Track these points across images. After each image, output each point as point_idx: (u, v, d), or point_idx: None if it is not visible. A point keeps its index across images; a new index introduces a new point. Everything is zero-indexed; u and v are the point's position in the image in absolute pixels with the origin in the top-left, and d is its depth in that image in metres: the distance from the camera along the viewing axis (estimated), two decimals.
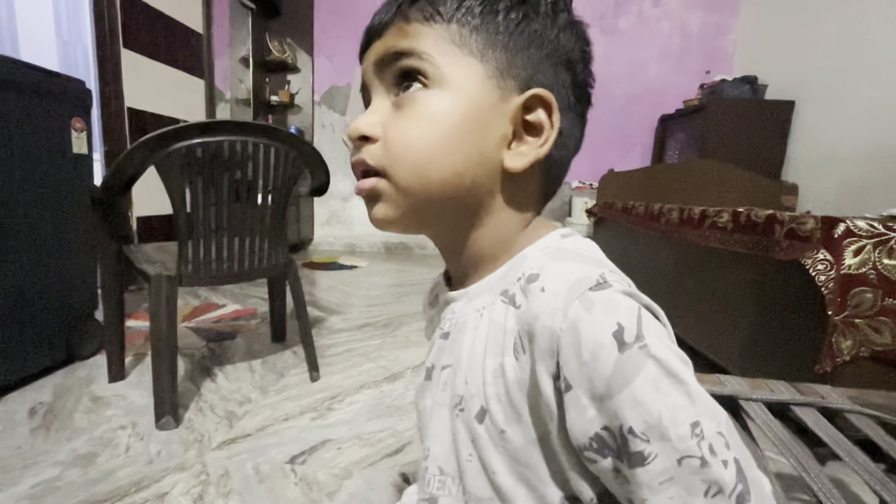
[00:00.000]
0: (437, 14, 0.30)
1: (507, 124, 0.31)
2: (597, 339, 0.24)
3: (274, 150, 1.12)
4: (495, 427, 0.29)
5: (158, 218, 2.33)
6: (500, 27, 0.30)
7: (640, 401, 0.23)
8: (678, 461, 0.23)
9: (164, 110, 2.44)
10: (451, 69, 0.29)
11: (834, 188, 2.36)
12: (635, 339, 0.24)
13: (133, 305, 1.88)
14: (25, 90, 1.13)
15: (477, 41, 0.30)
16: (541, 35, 0.31)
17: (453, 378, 0.33)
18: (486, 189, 0.32)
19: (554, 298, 0.26)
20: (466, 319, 0.33)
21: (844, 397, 0.63)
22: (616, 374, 0.23)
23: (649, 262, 1.83)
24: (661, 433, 0.23)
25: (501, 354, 0.29)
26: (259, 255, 1.19)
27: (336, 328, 1.76)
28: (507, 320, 0.29)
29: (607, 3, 3.33)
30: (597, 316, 0.24)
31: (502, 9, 0.30)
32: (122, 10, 2.13)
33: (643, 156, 3.45)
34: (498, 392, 0.29)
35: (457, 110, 0.30)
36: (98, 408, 1.10)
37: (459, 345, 0.33)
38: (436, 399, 0.35)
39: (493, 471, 0.30)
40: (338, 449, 0.96)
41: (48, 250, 1.22)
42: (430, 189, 0.30)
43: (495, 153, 0.31)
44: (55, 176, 1.23)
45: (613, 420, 0.24)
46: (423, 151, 0.30)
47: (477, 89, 0.30)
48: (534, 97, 0.30)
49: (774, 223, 1.02)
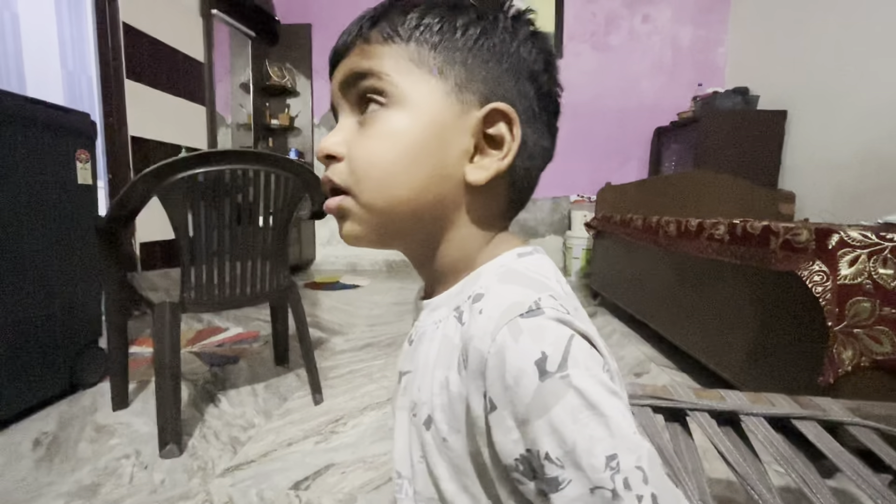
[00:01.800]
0: (395, 34, 0.30)
1: (469, 138, 0.31)
2: (520, 365, 0.24)
3: (274, 176, 1.14)
4: (439, 435, 0.30)
5: (161, 243, 2.35)
6: (458, 44, 0.30)
7: (557, 429, 0.23)
8: (590, 490, 0.23)
9: (167, 137, 2.48)
10: (411, 87, 0.30)
11: (831, 195, 2.38)
12: (557, 369, 0.24)
13: (136, 331, 1.89)
14: (33, 125, 1.16)
15: (436, 58, 0.30)
16: (500, 49, 0.31)
17: (412, 384, 0.34)
18: (449, 203, 0.32)
19: (487, 322, 0.27)
20: (426, 330, 0.34)
21: (845, 409, 0.64)
22: (535, 402, 0.24)
23: (649, 274, 1.83)
24: (575, 462, 0.23)
25: (447, 368, 0.30)
26: (261, 279, 1.20)
27: (338, 349, 1.76)
28: (455, 336, 0.30)
29: (598, 21, 3.41)
30: (522, 343, 0.25)
31: (460, 26, 0.31)
32: (126, 41, 2.19)
33: (640, 168, 3.48)
34: (443, 403, 0.30)
35: (416, 127, 0.30)
36: (102, 437, 1.10)
37: (419, 353, 0.34)
38: (397, 403, 0.36)
39: (438, 476, 0.31)
40: (342, 473, 0.96)
41: (53, 279, 1.24)
42: (393, 205, 0.31)
43: (457, 168, 0.31)
44: (60, 206, 1.25)
45: (533, 445, 0.24)
46: (385, 169, 0.30)
47: (436, 106, 0.30)
48: (493, 111, 0.31)
49: (770, 235, 1.03)
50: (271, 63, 3.56)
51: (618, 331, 2.06)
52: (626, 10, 3.38)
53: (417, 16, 0.31)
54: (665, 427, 0.63)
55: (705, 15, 3.31)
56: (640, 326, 2.04)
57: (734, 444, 0.58)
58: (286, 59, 3.61)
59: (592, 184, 3.41)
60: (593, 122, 3.45)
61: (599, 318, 2.28)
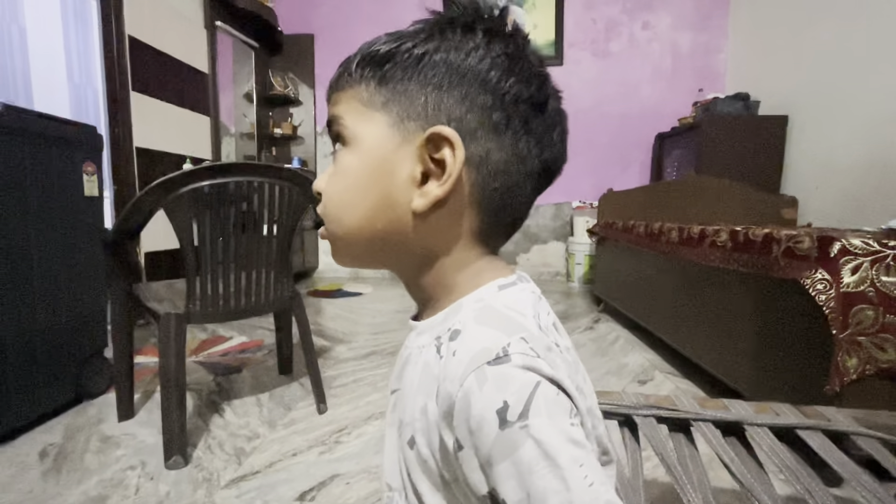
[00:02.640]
0: (350, 79, 0.33)
1: (416, 165, 0.31)
2: (482, 413, 0.25)
3: (278, 187, 1.16)
4: (420, 456, 0.31)
5: (166, 253, 2.37)
6: (399, 74, 0.31)
7: (514, 476, 0.24)
8: None
9: (172, 148, 2.51)
10: (359, 127, 0.32)
11: (833, 200, 2.38)
12: (518, 418, 0.24)
13: (141, 341, 1.89)
14: (41, 139, 1.18)
15: (381, 94, 0.31)
16: (444, 67, 0.30)
17: (400, 402, 0.35)
18: (405, 230, 0.32)
19: (457, 366, 0.27)
20: (412, 353, 0.35)
21: (850, 419, 0.64)
22: (495, 449, 0.24)
23: (653, 280, 1.83)
24: None
25: (427, 395, 0.30)
26: (265, 289, 1.21)
27: (342, 358, 1.76)
28: (435, 367, 0.30)
29: (598, 28, 3.43)
30: (486, 391, 0.25)
31: (403, 52, 0.31)
32: (131, 54, 2.22)
33: (641, 174, 3.48)
34: (423, 427, 0.30)
35: (361, 162, 0.32)
36: (108, 448, 1.11)
37: (405, 374, 0.35)
38: (388, 419, 0.37)
39: (422, 492, 0.31)
40: (346, 484, 0.96)
41: (60, 291, 1.25)
42: (349, 234, 0.34)
43: (405, 195, 0.31)
44: (67, 218, 1.27)
45: (495, 487, 0.25)
46: (338, 203, 0.34)
47: (379, 139, 0.31)
48: (432, 136, 0.30)
49: (772, 242, 1.03)
50: (274, 73, 3.59)
51: (622, 337, 2.05)
52: (626, 17, 3.40)
53: (367, 55, 0.32)
54: (669, 437, 0.63)
55: (705, 21, 3.33)
56: (644, 333, 2.04)
57: (739, 454, 0.58)
58: (289, 69, 3.65)
59: (594, 190, 3.41)
60: (595, 128, 3.46)
61: (603, 324, 2.28)
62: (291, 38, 3.61)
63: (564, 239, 3.55)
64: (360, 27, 3.58)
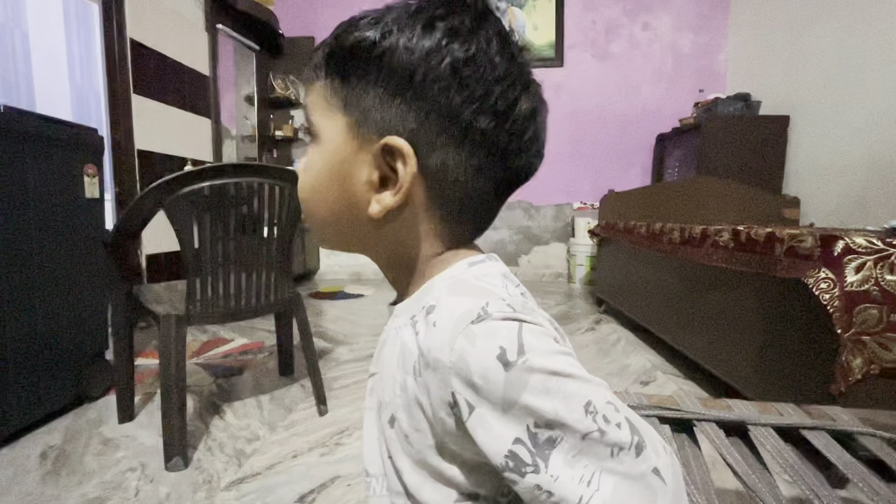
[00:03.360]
0: (315, 75, 0.33)
1: (373, 171, 0.31)
2: (484, 364, 0.26)
3: (278, 188, 1.16)
4: (402, 432, 0.31)
5: (166, 255, 2.37)
6: (359, 72, 0.30)
7: (535, 407, 0.25)
8: (582, 438, 0.25)
9: (173, 150, 2.51)
10: (322, 123, 0.32)
11: (836, 199, 2.37)
12: (517, 356, 0.26)
13: (141, 343, 1.89)
14: (43, 141, 1.18)
15: (343, 94, 0.31)
16: (400, 73, 0.29)
17: (378, 385, 0.35)
18: (366, 228, 0.33)
19: (442, 334, 0.28)
20: (388, 334, 0.35)
21: (855, 419, 0.63)
22: (508, 391, 0.25)
23: (655, 281, 1.83)
24: (562, 423, 0.25)
25: (405, 372, 0.31)
26: (266, 290, 1.21)
27: (343, 359, 1.76)
28: (411, 344, 0.31)
29: (598, 29, 3.43)
30: (479, 346, 0.26)
31: (364, 48, 0.29)
32: (133, 57, 2.23)
33: (643, 175, 3.48)
34: (403, 403, 0.31)
35: (323, 161, 0.33)
36: (108, 450, 1.11)
37: (383, 356, 0.35)
38: (365, 403, 0.38)
39: (401, 469, 0.32)
40: (347, 486, 0.95)
41: (61, 293, 1.25)
42: (317, 224, 0.36)
43: (365, 197, 0.32)
44: (68, 220, 1.27)
45: (517, 424, 0.26)
46: (305, 195, 0.35)
47: (338, 140, 0.32)
48: (384, 147, 0.30)
49: (774, 242, 1.02)
50: (275, 75, 3.60)
51: (623, 338, 2.04)
52: (626, 18, 3.40)
53: (330, 49, 0.31)
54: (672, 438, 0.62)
55: (705, 22, 3.33)
56: (646, 334, 2.03)
57: (742, 454, 0.58)
58: (290, 71, 3.65)
59: (595, 191, 3.41)
60: (595, 129, 3.46)
61: (605, 325, 2.27)
62: (292, 41, 3.62)
63: (566, 240, 3.54)
64: None
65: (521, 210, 3.60)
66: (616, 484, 0.26)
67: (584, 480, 0.25)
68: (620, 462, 0.26)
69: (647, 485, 0.26)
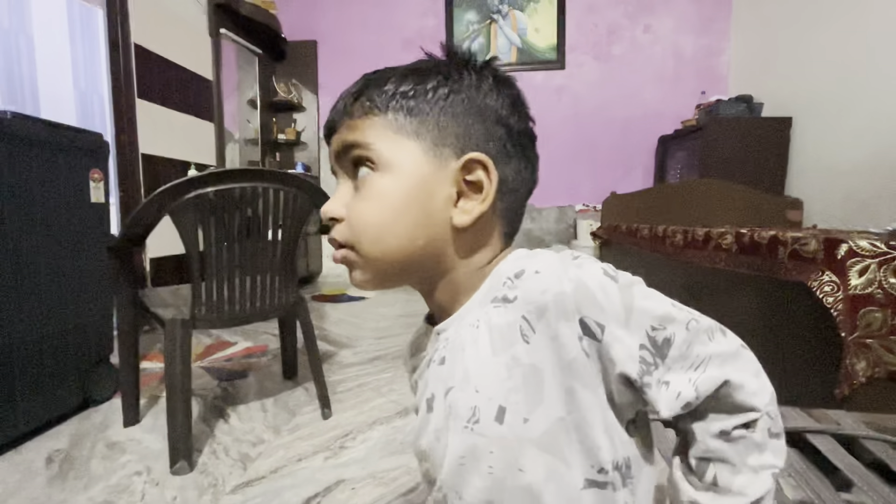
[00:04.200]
0: (374, 107, 0.35)
1: (451, 187, 0.35)
2: (600, 281, 0.31)
3: (283, 192, 1.16)
4: (518, 419, 0.32)
5: (171, 259, 2.38)
6: (429, 107, 0.35)
7: (646, 309, 0.31)
8: (686, 327, 0.31)
9: (176, 154, 2.52)
10: (392, 152, 0.35)
11: (839, 201, 2.36)
12: (615, 274, 0.32)
13: (146, 346, 1.90)
14: (49, 147, 1.19)
15: (412, 123, 0.35)
16: (468, 104, 0.35)
17: (461, 395, 0.34)
18: (441, 243, 0.36)
19: (551, 272, 0.32)
20: (463, 338, 0.35)
21: (860, 423, 0.63)
22: (624, 298, 0.31)
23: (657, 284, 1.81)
24: (669, 318, 0.31)
25: (511, 346, 0.32)
26: (270, 294, 1.22)
27: (346, 362, 1.76)
28: (507, 316, 0.33)
29: (600, 32, 3.44)
30: (589, 269, 0.32)
31: (430, 89, 0.35)
32: (137, 61, 2.25)
33: (645, 177, 3.48)
34: (515, 384, 0.32)
35: (400, 186, 0.35)
36: (114, 454, 1.11)
37: (461, 362, 0.35)
38: (442, 423, 0.36)
39: (520, 468, 0.32)
40: (352, 489, 0.95)
41: (67, 297, 1.26)
42: (390, 254, 0.35)
43: (444, 213, 0.35)
44: (74, 225, 1.28)
45: (639, 333, 0.31)
46: (379, 224, 0.35)
47: (416, 164, 0.35)
48: (469, 161, 0.35)
49: (778, 244, 1.02)
50: (278, 79, 3.62)
51: None
52: (628, 20, 3.41)
53: (392, 88, 0.35)
54: None
55: (707, 24, 3.33)
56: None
57: None
58: (292, 75, 3.67)
59: (597, 193, 3.41)
60: (597, 131, 3.46)
61: None
62: (295, 45, 3.63)
63: (568, 242, 3.54)
64: (362, 33, 3.61)
65: None
66: (723, 361, 0.31)
67: (696, 363, 0.31)
68: (718, 343, 0.32)
69: (741, 355, 0.32)
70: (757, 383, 0.31)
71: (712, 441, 0.31)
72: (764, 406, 0.31)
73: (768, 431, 0.31)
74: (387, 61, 1.52)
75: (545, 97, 3.50)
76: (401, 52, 3.57)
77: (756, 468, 0.31)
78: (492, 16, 3.49)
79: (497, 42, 3.51)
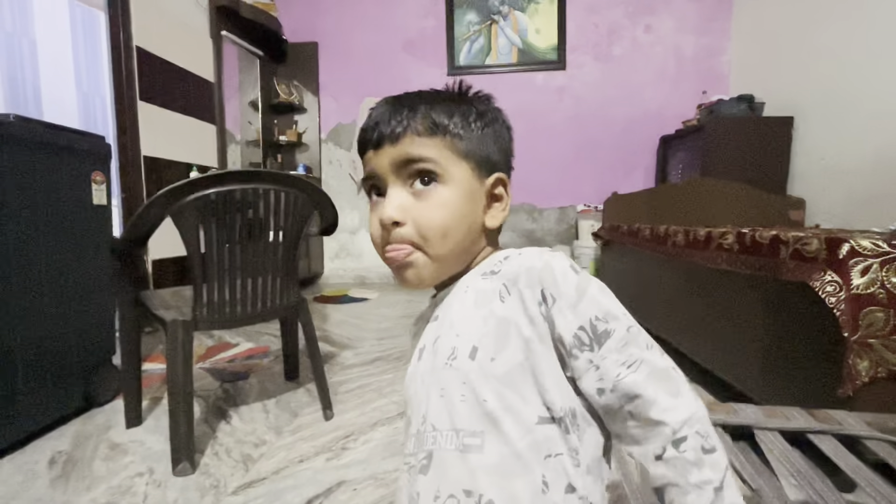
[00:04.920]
0: (437, 129, 0.43)
1: (484, 199, 0.46)
2: (562, 268, 0.40)
3: (284, 194, 1.16)
4: (487, 357, 0.39)
5: (173, 260, 2.38)
6: (473, 135, 0.44)
7: (596, 299, 0.39)
8: (627, 329, 0.38)
9: (178, 156, 2.53)
10: (451, 169, 0.43)
11: (841, 201, 2.36)
12: (580, 271, 0.40)
13: (148, 347, 1.91)
14: (52, 149, 1.20)
15: (461, 146, 0.43)
16: (496, 133, 0.46)
17: (445, 340, 0.43)
18: (477, 240, 0.46)
19: (530, 255, 0.42)
20: (453, 296, 0.45)
21: (862, 423, 0.63)
22: (578, 287, 0.39)
23: (659, 284, 1.82)
24: (613, 315, 0.38)
25: (490, 303, 0.41)
26: (272, 295, 1.22)
27: (348, 363, 1.76)
28: (490, 284, 0.42)
29: (601, 32, 3.44)
30: (558, 259, 0.40)
31: (472, 121, 0.44)
32: (139, 64, 2.26)
33: (646, 177, 3.47)
34: (488, 331, 0.40)
35: (460, 196, 0.43)
36: (116, 455, 1.11)
37: (448, 316, 0.44)
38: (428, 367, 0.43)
39: (484, 399, 0.38)
40: (353, 490, 0.95)
41: (69, 299, 1.26)
42: (451, 250, 0.44)
43: (480, 218, 0.46)
44: (76, 227, 1.28)
45: (584, 318, 0.38)
46: (445, 227, 0.42)
47: (467, 180, 0.44)
48: (497, 179, 0.46)
49: (779, 244, 1.02)
50: (279, 81, 3.63)
51: None
52: (628, 20, 3.41)
53: (449, 116, 0.43)
54: None
55: (707, 24, 3.33)
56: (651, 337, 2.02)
57: (749, 459, 0.58)
58: (293, 76, 3.68)
59: (599, 193, 3.41)
60: (598, 131, 3.46)
61: None
62: (296, 47, 3.64)
63: (569, 242, 3.54)
64: (363, 35, 3.61)
65: (524, 213, 3.61)
66: (650, 371, 0.37)
67: (626, 363, 0.37)
68: (653, 354, 0.38)
69: (669, 374, 0.37)
70: (672, 402, 0.36)
71: (654, 468, 0.36)
72: (678, 423, 0.35)
73: (701, 448, 0.35)
74: (387, 62, 1.58)
75: (546, 98, 3.50)
76: (401, 54, 3.57)
77: (699, 484, 0.34)
78: (492, 16, 3.49)
79: (498, 43, 3.51)
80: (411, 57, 3.58)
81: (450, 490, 0.37)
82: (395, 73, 3.57)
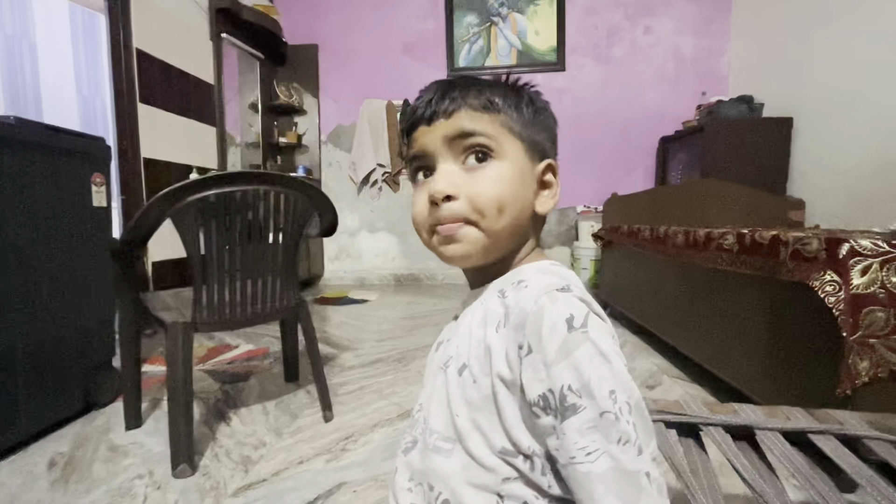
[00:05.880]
0: (493, 106, 0.42)
1: (535, 183, 0.44)
2: (553, 320, 0.35)
3: (284, 195, 1.16)
4: (471, 377, 0.39)
5: (173, 262, 2.38)
6: (526, 118, 0.43)
7: (577, 367, 0.33)
8: (600, 414, 0.32)
9: (178, 158, 2.53)
10: (506, 146, 0.42)
11: (841, 201, 2.36)
12: (580, 326, 0.34)
13: (148, 349, 1.90)
14: (52, 151, 1.20)
15: (516, 126, 0.42)
16: (545, 121, 0.45)
17: (449, 346, 0.44)
18: (527, 224, 0.44)
19: (531, 291, 0.37)
20: (474, 308, 0.44)
21: (863, 423, 0.63)
22: (562, 347, 0.34)
23: (659, 284, 1.82)
24: (590, 392, 0.33)
25: (485, 328, 0.40)
26: (272, 297, 1.22)
27: (348, 365, 1.76)
28: (498, 307, 0.40)
29: (600, 34, 3.44)
30: (557, 306, 0.35)
31: (524, 105, 0.44)
32: (139, 66, 2.26)
33: (646, 178, 3.47)
34: (479, 353, 0.39)
35: (514, 174, 0.42)
36: (116, 457, 1.11)
37: (462, 324, 0.44)
38: (436, 363, 0.46)
39: (457, 413, 0.39)
40: (353, 492, 0.95)
41: (69, 300, 1.26)
42: (504, 228, 0.41)
43: (531, 201, 0.44)
44: (76, 229, 1.28)
45: (556, 383, 0.33)
46: (501, 202, 0.41)
47: (521, 159, 0.43)
48: (548, 164, 0.45)
49: (779, 245, 1.02)
50: (279, 83, 3.63)
51: (629, 342, 2.04)
52: (628, 22, 3.42)
53: (504, 95, 0.43)
54: (679, 442, 0.62)
55: (707, 25, 3.33)
56: (651, 337, 2.02)
57: (750, 459, 0.57)
58: (293, 78, 3.68)
59: (599, 194, 3.41)
60: (598, 132, 3.46)
61: None
62: (296, 49, 3.65)
63: (569, 243, 3.54)
64: (363, 37, 3.62)
65: None
66: (610, 468, 0.32)
67: (585, 450, 0.32)
68: (624, 452, 0.32)
69: (636, 482, 0.32)
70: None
71: None
72: None
73: None
74: (387, 65, 1.59)
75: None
76: (401, 56, 3.58)
77: None
78: (492, 18, 3.50)
79: (497, 44, 3.52)
80: (411, 59, 3.58)
81: (418, 480, 0.42)
82: (395, 75, 3.58)
